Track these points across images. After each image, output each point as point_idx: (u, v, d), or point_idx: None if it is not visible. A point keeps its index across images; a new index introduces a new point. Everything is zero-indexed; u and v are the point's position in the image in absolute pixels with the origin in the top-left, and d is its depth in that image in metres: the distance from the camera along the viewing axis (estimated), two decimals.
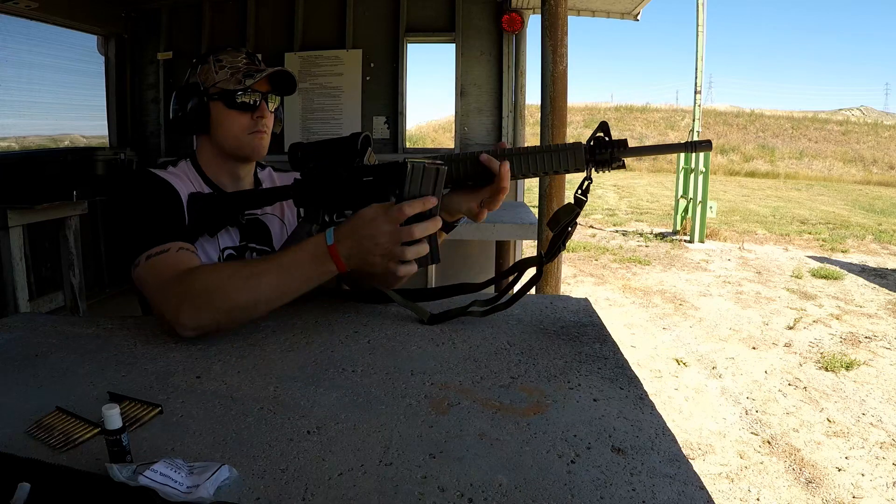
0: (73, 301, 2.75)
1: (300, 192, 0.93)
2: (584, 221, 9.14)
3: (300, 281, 0.81)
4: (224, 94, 1.04)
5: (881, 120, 28.43)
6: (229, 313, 0.81)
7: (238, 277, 0.81)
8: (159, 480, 0.47)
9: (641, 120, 26.13)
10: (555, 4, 1.80)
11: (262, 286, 0.80)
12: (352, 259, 0.79)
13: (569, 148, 0.82)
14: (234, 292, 0.80)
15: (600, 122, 0.81)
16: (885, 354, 3.61)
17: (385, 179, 0.84)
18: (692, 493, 0.50)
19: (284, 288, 0.81)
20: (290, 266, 0.81)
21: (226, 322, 0.82)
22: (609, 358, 0.79)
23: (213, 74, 1.04)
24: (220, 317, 0.81)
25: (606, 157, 0.80)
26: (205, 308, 0.80)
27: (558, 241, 0.85)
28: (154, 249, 0.88)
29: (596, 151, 0.81)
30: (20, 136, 3.45)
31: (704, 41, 7.48)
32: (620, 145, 0.80)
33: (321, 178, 0.90)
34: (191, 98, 1.04)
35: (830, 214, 10.57)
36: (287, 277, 0.81)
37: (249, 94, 1.04)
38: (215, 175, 1.11)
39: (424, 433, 0.59)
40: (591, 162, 0.81)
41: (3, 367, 0.75)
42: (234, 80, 1.04)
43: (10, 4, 2.77)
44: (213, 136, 1.07)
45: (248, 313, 0.82)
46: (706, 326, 4.16)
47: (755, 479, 2.26)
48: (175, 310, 0.81)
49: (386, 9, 3.68)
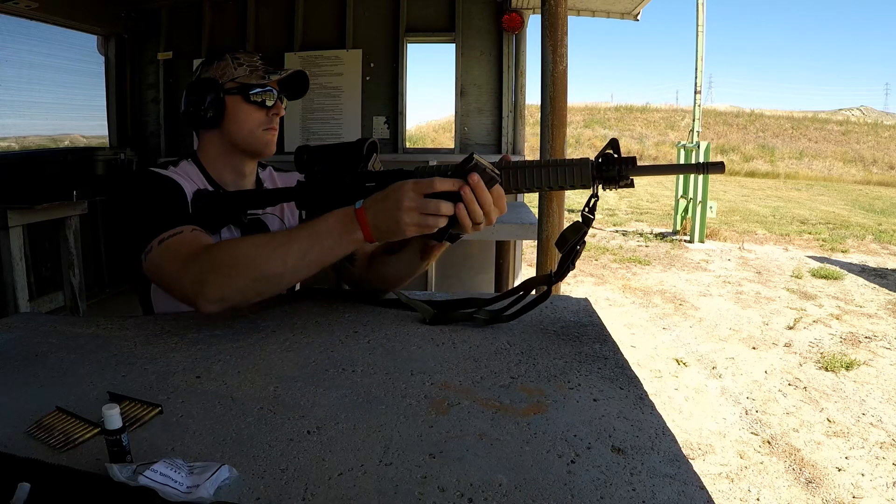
0: (73, 301, 2.75)
1: (303, 195, 0.93)
2: None
3: (328, 248, 0.80)
4: (243, 89, 1.06)
5: (881, 120, 28.44)
6: (256, 283, 0.81)
7: (267, 247, 0.81)
8: (159, 480, 0.47)
9: (641, 120, 26.13)
10: (555, 4, 1.80)
11: (292, 253, 0.80)
12: (378, 223, 0.78)
13: (575, 164, 0.80)
14: (263, 261, 0.80)
15: (610, 140, 0.79)
16: (885, 354, 3.61)
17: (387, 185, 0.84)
18: (692, 493, 0.50)
19: (313, 256, 0.80)
20: (319, 233, 0.80)
21: (251, 293, 0.83)
22: (609, 358, 0.79)
23: (231, 70, 1.07)
24: (246, 287, 0.81)
25: (614, 175, 0.79)
26: (233, 278, 0.81)
27: (567, 261, 0.84)
28: (167, 233, 0.89)
29: (603, 168, 0.79)
30: (20, 136, 3.45)
31: (704, 41, 7.48)
32: (629, 163, 0.78)
33: (324, 183, 0.90)
34: (207, 92, 1.06)
35: (830, 214, 10.57)
36: (315, 244, 0.80)
37: (268, 91, 1.08)
38: (219, 172, 1.11)
39: (424, 433, 0.59)
40: (597, 179, 0.79)
41: (3, 367, 0.75)
42: (256, 75, 1.07)
43: (10, 4, 2.77)
44: (226, 130, 1.08)
45: (274, 283, 0.83)
46: (706, 326, 4.16)
47: (755, 479, 2.26)
48: (199, 283, 0.81)
49: (386, 9, 3.68)
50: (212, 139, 1.11)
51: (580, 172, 0.80)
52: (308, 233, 0.81)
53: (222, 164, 1.11)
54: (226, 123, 1.08)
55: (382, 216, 0.78)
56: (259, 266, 0.80)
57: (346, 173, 0.88)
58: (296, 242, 0.80)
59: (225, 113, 1.07)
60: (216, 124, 1.08)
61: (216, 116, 1.07)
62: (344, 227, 0.79)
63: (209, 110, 1.06)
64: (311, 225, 0.82)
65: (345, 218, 0.80)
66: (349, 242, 0.80)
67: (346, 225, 0.79)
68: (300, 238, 0.81)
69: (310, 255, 0.80)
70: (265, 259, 0.80)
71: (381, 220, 0.78)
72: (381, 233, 0.79)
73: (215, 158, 1.11)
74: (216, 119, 1.07)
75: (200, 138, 1.12)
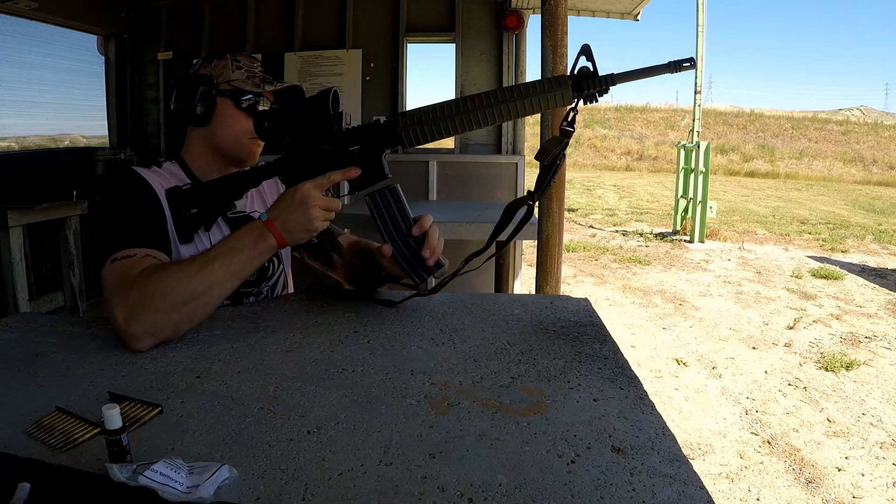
0: (73, 301, 2.75)
1: (285, 170, 0.91)
2: (585, 221, 9.14)
3: (246, 260, 0.86)
4: (236, 93, 1.04)
5: (881, 120, 28.43)
6: (185, 306, 0.82)
7: (190, 269, 0.84)
8: (159, 480, 0.47)
9: (641, 120, 26.12)
10: (555, 4, 1.80)
11: (214, 272, 0.84)
12: (289, 228, 0.86)
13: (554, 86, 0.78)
14: (187, 281, 0.82)
15: (582, 46, 0.77)
16: (885, 354, 3.61)
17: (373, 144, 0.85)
18: (692, 493, 0.50)
19: (234, 269, 0.85)
20: (235, 248, 0.86)
21: (182, 319, 0.82)
22: (609, 358, 0.79)
23: (228, 71, 1.05)
24: (176, 313, 0.81)
25: (594, 93, 0.78)
26: (162, 308, 0.80)
27: (548, 175, 0.83)
28: (120, 254, 0.87)
29: (584, 87, 0.78)
30: (20, 136, 3.45)
31: (704, 41, 7.48)
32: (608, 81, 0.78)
33: (304, 153, 0.88)
34: (199, 87, 1.04)
35: (830, 214, 10.57)
36: (234, 258, 0.85)
37: (261, 100, 1.06)
38: (204, 173, 1.07)
39: (424, 433, 0.59)
40: (577, 97, 0.79)
41: (3, 367, 0.75)
42: (251, 82, 1.05)
43: (10, 4, 2.77)
44: (212, 132, 1.05)
45: (203, 303, 0.84)
46: (706, 326, 4.16)
47: (755, 479, 2.26)
48: (126, 316, 0.79)
49: (386, 9, 3.68)
50: (197, 138, 1.07)
51: (560, 96, 0.79)
52: (225, 250, 0.86)
53: (207, 165, 1.08)
54: (213, 124, 1.05)
55: (292, 223, 0.86)
56: (186, 289, 0.82)
57: (324, 140, 0.87)
58: (216, 261, 0.85)
59: (214, 113, 1.04)
60: (203, 122, 1.05)
61: (204, 115, 1.04)
62: (257, 238, 0.87)
63: (198, 106, 1.04)
64: (227, 242, 0.88)
65: (256, 230, 0.87)
66: (264, 251, 0.87)
67: (258, 237, 0.87)
68: (220, 256, 0.86)
69: (231, 268, 0.85)
70: (190, 282, 0.83)
71: (291, 225, 0.86)
72: (293, 235, 0.87)
73: (200, 158, 1.08)
74: (204, 117, 1.05)
75: (187, 136, 1.09)
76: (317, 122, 0.87)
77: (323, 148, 0.88)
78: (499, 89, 0.80)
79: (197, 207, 0.95)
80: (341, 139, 0.87)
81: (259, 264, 0.89)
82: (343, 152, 0.87)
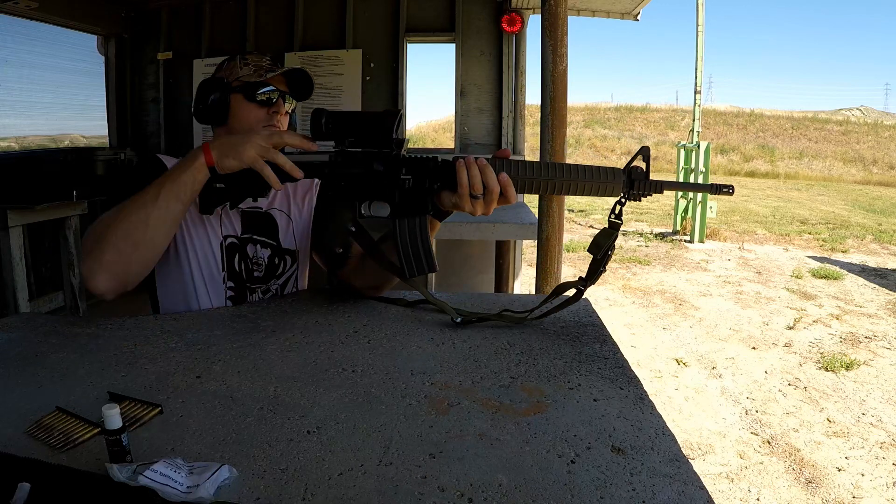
0: (73, 301, 2.75)
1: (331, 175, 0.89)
2: (585, 221, 9.14)
3: (178, 180, 0.88)
4: (245, 87, 1.10)
5: (881, 120, 28.43)
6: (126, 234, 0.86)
7: (129, 201, 0.89)
8: (159, 480, 0.47)
9: (641, 120, 26.13)
10: (555, 4, 1.80)
11: (149, 194, 0.88)
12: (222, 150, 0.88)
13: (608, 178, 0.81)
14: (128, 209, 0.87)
15: (641, 148, 0.81)
16: (885, 354, 3.61)
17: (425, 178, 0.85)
18: (692, 493, 0.50)
19: (166, 188, 0.88)
20: (169, 172, 0.90)
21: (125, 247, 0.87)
22: (609, 358, 0.79)
23: (237, 70, 1.12)
24: (120, 242, 0.86)
25: (641, 193, 0.81)
26: (106, 239, 0.86)
27: (600, 265, 0.86)
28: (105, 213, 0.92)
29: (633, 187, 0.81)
30: (20, 136, 3.45)
31: (704, 41, 7.48)
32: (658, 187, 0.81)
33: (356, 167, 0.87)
34: (213, 90, 1.11)
35: (830, 214, 10.56)
36: (167, 180, 0.89)
37: (269, 90, 1.12)
38: None
39: (424, 433, 0.59)
40: (627, 194, 0.82)
41: (3, 367, 0.75)
42: (256, 74, 1.11)
43: (9, 4, 2.76)
44: (230, 128, 1.12)
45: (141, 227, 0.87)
46: (706, 326, 4.16)
47: (755, 479, 2.26)
48: (84, 259, 0.88)
49: (386, 9, 3.68)
50: (220, 135, 1.13)
51: (612, 188, 0.82)
52: (162, 178, 0.90)
53: None
54: (230, 121, 1.12)
55: (227, 146, 0.88)
56: (127, 216, 0.87)
57: (379, 159, 0.86)
58: (152, 187, 0.89)
59: (229, 111, 1.12)
60: (223, 121, 1.12)
61: (222, 114, 1.12)
62: (192, 158, 0.89)
63: (214, 108, 1.11)
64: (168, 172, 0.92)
65: (193, 152, 0.90)
66: (194, 169, 0.89)
67: (193, 156, 0.89)
68: (155, 183, 0.89)
69: (164, 188, 0.88)
70: (129, 207, 0.88)
71: (226, 148, 0.88)
72: (222, 156, 0.88)
73: None
74: (223, 116, 1.12)
75: (214, 134, 1.16)
76: (376, 135, 0.86)
77: (374, 167, 0.87)
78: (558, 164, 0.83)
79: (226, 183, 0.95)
80: (396, 163, 0.86)
81: (189, 181, 0.89)
82: (394, 177, 0.86)
